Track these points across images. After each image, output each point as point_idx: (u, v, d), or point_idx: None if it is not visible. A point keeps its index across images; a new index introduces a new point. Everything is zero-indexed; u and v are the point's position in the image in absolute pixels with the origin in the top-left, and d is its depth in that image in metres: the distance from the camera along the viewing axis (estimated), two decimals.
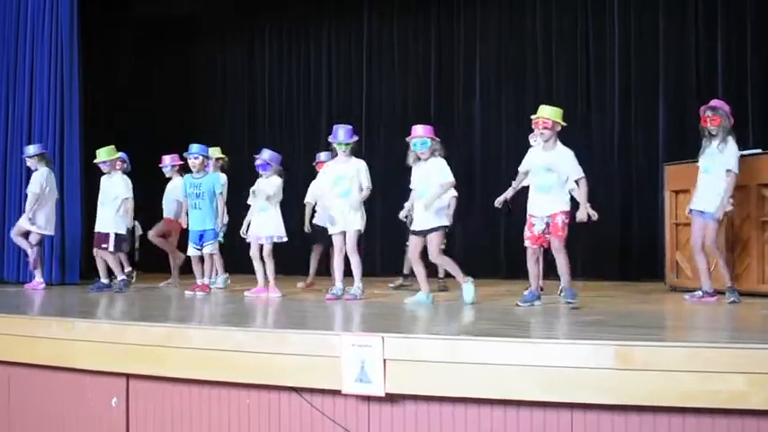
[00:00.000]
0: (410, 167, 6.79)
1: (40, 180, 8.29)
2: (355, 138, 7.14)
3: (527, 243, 6.28)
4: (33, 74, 9.22)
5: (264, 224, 7.36)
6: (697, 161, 6.65)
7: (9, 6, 9.43)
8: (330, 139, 7.17)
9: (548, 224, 6.13)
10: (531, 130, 7.53)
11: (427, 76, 11.09)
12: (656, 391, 3.69)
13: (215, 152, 8.51)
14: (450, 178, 6.58)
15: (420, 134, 6.65)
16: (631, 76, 9.80)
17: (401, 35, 11.33)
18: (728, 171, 6.34)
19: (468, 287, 6.42)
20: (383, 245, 10.65)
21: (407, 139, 6.72)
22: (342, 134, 7.07)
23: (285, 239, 7.45)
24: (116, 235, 8.01)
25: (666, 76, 9.59)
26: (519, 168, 6.52)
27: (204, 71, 12.64)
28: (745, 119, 8.88)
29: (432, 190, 6.50)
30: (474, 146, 10.69)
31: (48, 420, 5.28)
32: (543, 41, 10.37)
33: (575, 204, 6.18)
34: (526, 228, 6.28)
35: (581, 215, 6.08)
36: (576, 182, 6.14)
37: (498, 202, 6.55)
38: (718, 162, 6.40)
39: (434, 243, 6.49)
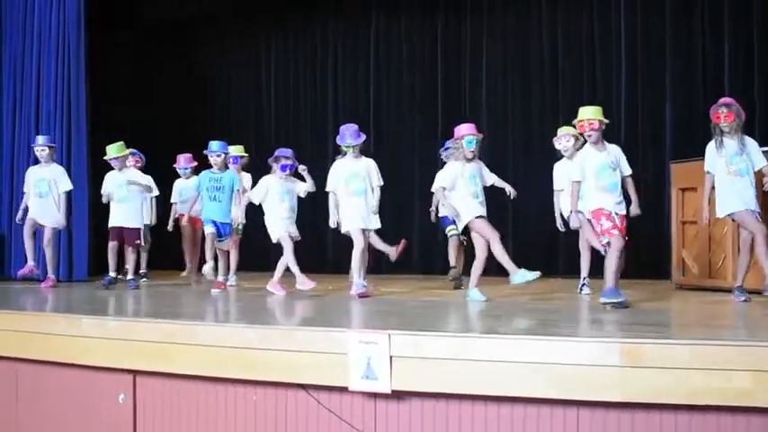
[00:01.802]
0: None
1: (66, 175, 8.37)
2: (363, 137, 7.13)
3: (615, 233, 5.84)
4: (41, 72, 9.24)
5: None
6: (703, 159, 6.56)
7: (16, 2, 9.46)
8: (338, 141, 7.16)
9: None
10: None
11: (434, 78, 11.06)
12: (662, 389, 3.70)
13: (239, 150, 8.63)
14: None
15: (474, 132, 6.70)
16: (638, 75, 9.77)
17: (408, 36, 11.31)
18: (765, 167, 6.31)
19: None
20: (390, 241, 10.65)
21: (458, 136, 6.68)
22: (349, 136, 7.06)
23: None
24: (143, 227, 8.34)
25: (673, 75, 9.57)
26: (574, 179, 6.14)
27: (210, 73, 12.60)
28: (751, 118, 8.82)
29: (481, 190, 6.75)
30: (481, 146, 10.67)
31: (55, 416, 5.31)
32: (549, 42, 10.36)
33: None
34: (605, 220, 5.90)
35: (635, 210, 6.13)
36: (626, 178, 6.16)
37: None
38: (748, 162, 6.32)
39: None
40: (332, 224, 7.16)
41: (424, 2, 11.22)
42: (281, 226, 7.29)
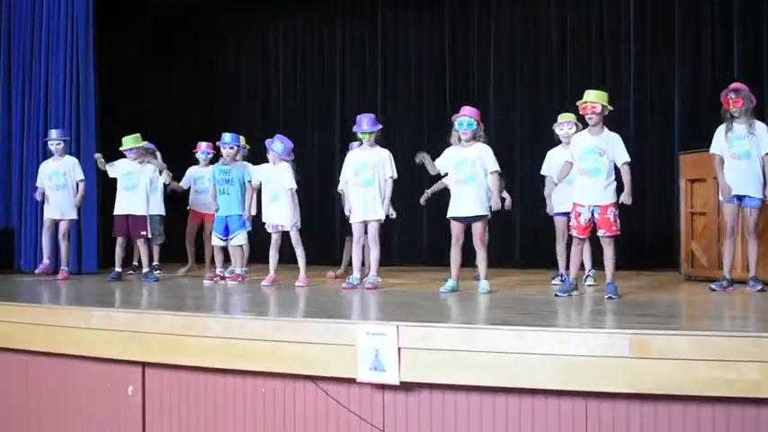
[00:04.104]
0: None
1: (79, 165, 8.40)
2: (379, 126, 7.11)
3: (573, 233, 6.10)
4: (49, 64, 9.23)
5: (278, 213, 7.38)
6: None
7: None
8: (354, 128, 7.15)
9: (593, 213, 5.99)
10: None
11: (442, 67, 11.02)
12: (670, 380, 3.69)
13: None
14: (498, 167, 6.54)
15: (468, 114, 6.54)
16: (646, 64, 9.74)
17: (415, 24, 11.27)
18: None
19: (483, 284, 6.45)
20: (401, 234, 10.65)
21: (453, 117, 6.63)
22: (366, 123, 7.04)
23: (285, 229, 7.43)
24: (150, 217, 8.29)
25: (681, 65, 9.53)
26: (567, 160, 6.34)
27: (216, 63, 12.56)
28: (761, 107, 8.81)
29: (480, 177, 6.48)
30: (489, 136, 10.63)
31: (64, 408, 5.33)
32: (558, 31, 10.32)
33: None
34: (572, 218, 6.13)
35: (625, 199, 5.99)
36: (622, 167, 6.06)
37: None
38: (755, 145, 6.29)
39: (479, 231, 6.45)
40: (347, 212, 7.18)
41: None
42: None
